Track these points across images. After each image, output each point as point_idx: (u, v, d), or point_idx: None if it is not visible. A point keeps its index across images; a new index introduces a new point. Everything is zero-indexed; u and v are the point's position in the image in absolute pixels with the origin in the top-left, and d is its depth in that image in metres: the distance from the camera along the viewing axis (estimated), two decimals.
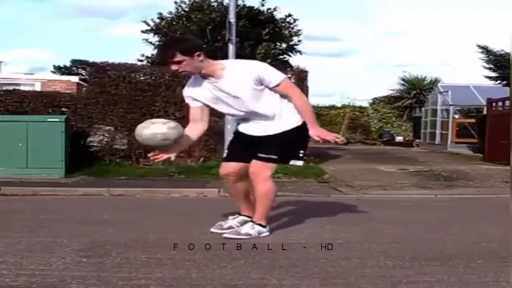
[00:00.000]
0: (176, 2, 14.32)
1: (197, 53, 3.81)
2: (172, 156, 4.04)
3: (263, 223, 4.07)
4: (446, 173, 9.81)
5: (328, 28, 60.54)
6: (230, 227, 4.17)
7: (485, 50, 23.31)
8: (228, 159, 4.20)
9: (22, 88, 11.98)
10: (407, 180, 8.79)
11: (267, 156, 3.95)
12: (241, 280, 2.95)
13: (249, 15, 13.39)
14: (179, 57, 3.79)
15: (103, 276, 2.99)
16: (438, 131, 18.56)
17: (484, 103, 14.99)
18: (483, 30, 54.04)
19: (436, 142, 18.44)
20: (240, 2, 12.60)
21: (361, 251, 3.67)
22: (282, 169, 9.00)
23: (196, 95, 4.03)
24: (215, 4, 14.06)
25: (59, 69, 33.02)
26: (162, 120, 4.10)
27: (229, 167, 4.15)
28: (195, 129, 4.15)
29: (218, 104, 3.99)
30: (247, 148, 4.03)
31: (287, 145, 4.00)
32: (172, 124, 3.91)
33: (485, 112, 14.33)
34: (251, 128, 4.06)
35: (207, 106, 4.05)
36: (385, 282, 2.94)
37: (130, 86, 9.68)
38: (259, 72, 3.86)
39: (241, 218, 4.25)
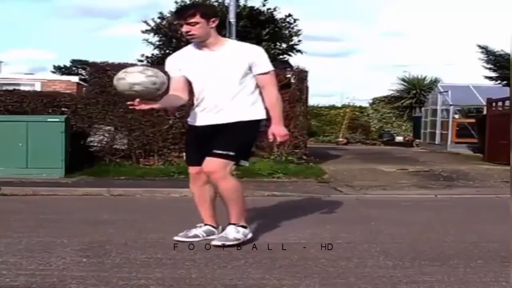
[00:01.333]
0: (176, 2, 14.34)
1: (213, 19, 3.83)
2: (156, 105, 3.82)
3: (243, 223, 3.87)
4: (446, 173, 9.81)
5: (328, 28, 60.55)
6: (195, 236, 3.95)
7: (485, 50, 23.31)
8: (191, 161, 4.03)
9: (22, 88, 11.98)
10: (407, 180, 8.79)
11: (223, 152, 3.73)
12: (241, 280, 2.95)
13: (249, 15, 13.40)
14: (197, 19, 3.76)
15: (103, 276, 2.99)
16: (438, 131, 18.55)
17: (484, 103, 14.98)
18: (483, 30, 54.05)
19: (436, 142, 18.43)
20: (241, 2, 12.62)
21: (361, 251, 3.67)
22: (282, 169, 9.01)
23: (182, 63, 3.92)
24: (215, 4, 14.08)
25: (59, 69, 33.05)
26: (139, 68, 3.83)
27: (196, 169, 3.96)
28: (178, 97, 4.01)
29: (199, 78, 3.86)
30: (201, 145, 3.87)
31: (245, 141, 3.87)
32: (150, 72, 3.64)
33: (485, 112, 14.33)
34: (209, 116, 3.86)
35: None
36: (385, 282, 2.94)
37: None
38: (255, 56, 3.83)
39: (206, 227, 4.01)
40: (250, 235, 3.88)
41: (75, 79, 16.89)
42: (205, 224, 4.04)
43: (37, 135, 8.27)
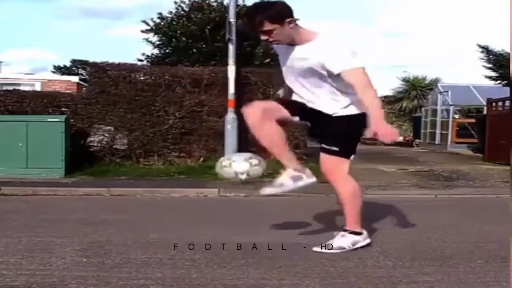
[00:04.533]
0: (176, 2, 14.34)
1: (288, 19, 3.43)
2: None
3: (358, 230, 3.68)
4: (446, 173, 9.81)
5: (328, 28, 60.41)
6: (281, 184, 3.68)
7: (486, 50, 23.32)
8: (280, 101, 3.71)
9: (22, 88, 12.00)
10: (407, 180, 8.79)
11: (327, 147, 3.60)
12: (241, 280, 2.95)
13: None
14: (268, 26, 3.41)
15: (103, 276, 2.99)
16: (438, 131, 18.55)
17: (484, 103, 14.98)
18: (483, 30, 54.03)
19: (436, 142, 18.44)
20: (240, 2, 12.61)
21: (361, 251, 3.67)
22: (282, 169, 8.99)
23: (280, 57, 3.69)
24: (214, 4, 14.08)
25: (59, 69, 33.02)
26: (245, 155, 3.78)
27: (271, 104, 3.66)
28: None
29: (288, 72, 3.65)
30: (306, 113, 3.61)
31: (347, 134, 3.60)
32: (255, 160, 3.63)
33: (485, 112, 14.33)
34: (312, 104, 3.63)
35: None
36: (385, 282, 2.94)
37: (130, 86, 9.68)
38: (327, 53, 3.42)
39: (290, 171, 3.68)
40: (361, 243, 3.68)
41: (75, 79, 16.91)
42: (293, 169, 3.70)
43: (37, 135, 8.27)
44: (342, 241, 3.65)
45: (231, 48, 9.22)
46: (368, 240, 3.74)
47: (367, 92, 3.41)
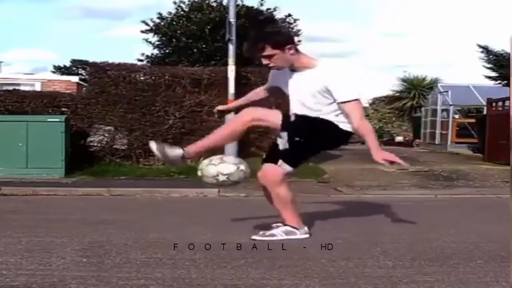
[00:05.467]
0: (175, 2, 14.35)
1: (289, 46, 3.64)
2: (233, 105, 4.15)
3: (294, 224, 3.94)
4: (446, 173, 9.81)
5: (328, 28, 60.56)
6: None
7: (486, 50, 23.30)
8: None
9: (22, 88, 11.99)
10: (407, 180, 8.79)
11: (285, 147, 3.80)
12: (241, 280, 2.95)
13: (248, 15, 13.41)
14: (269, 51, 3.60)
15: (103, 276, 2.98)
16: (438, 131, 18.55)
17: (484, 103, 14.98)
18: (483, 30, 54.03)
19: (436, 142, 18.44)
20: (238, 2, 12.62)
21: (361, 251, 3.67)
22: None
23: (280, 79, 3.90)
24: (214, 4, 14.09)
25: (59, 69, 33.01)
26: (237, 160, 4.03)
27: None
28: (258, 94, 4.22)
29: (289, 95, 3.88)
30: None
31: (317, 131, 3.77)
32: (243, 166, 3.88)
33: (485, 112, 14.33)
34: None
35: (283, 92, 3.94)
36: (385, 282, 2.94)
37: (130, 86, 9.69)
38: (330, 82, 3.66)
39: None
40: (295, 236, 3.88)
41: (75, 79, 16.88)
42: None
43: (37, 135, 8.28)
44: (276, 230, 3.91)
45: (231, 48, 9.23)
46: (306, 235, 3.92)
47: (364, 125, 3.71)
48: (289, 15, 14.56)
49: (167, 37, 14.31)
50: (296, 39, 3.86)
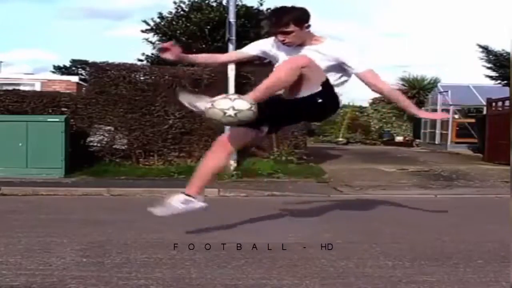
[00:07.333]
0: (175, 2, 14.35)
1: (306, 24, 3.72)
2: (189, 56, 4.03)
3: (191, 193, 4.02)
4: (446, 173, 9.81)
5: (328, 28, 60.42)
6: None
7: (486, 49, 23.31)
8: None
9: (22, 88, 11.97)
10: (407, 180, 8.79)
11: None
12: (241, 280, 2.95)
13: (248, 15, 13.41)
14: (291, 27, 3.66)
15: (103, 276, 2.99)
16: (438, 131, 18.54)
17: (484, 103, 14.97)
18: (483, 30, 54.00)
19: (436, 142, 18.43)
20: (238, 2, 12.63)
21: (361, 251, 3.67)
22: (282, 169, 9.01)
23: (277, 50, 3.90)
24: (214, 4, 14.09)
25: (59, 69, 33.03)
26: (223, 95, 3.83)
27: None
28: (217, 58, 4.32)
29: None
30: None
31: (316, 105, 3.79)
32: (234, 95, 3.85)
33: (485, 112, 14.33)
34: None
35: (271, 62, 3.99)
36: (385, 282, 2.94)
37: (130, 86, 9.68)
38: (340, 53, 3.76)
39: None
40: (192, 205, 3.94)
41: (75, 79, 16.85)
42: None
43: (37, 135, 8.28)
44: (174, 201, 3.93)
45: (231, 48, 9.21)
46: (202, 204, 3.97)
47: (393, 89, 4.05)
48: None
49: (167, 37, 14.31)
50: None
